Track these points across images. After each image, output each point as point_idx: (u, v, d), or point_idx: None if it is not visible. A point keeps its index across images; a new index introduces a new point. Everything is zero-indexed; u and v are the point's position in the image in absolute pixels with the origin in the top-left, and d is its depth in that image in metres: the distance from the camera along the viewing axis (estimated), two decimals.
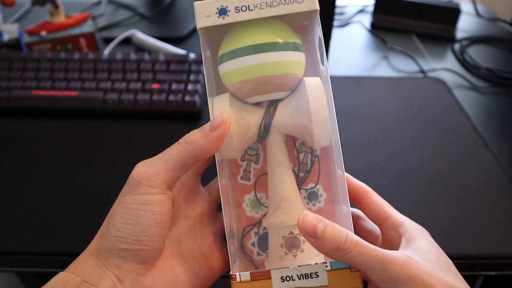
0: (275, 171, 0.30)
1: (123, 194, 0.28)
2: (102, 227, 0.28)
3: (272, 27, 0.29)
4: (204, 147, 0.28)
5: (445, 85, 0.63)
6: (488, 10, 0.92)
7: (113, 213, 0.28)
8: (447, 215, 0.43)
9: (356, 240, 0.25)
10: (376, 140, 0.52)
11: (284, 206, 0.29)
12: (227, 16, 0.28)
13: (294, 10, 0.28)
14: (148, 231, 0.27)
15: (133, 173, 0.28)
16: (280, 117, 0.30)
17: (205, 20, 0.28)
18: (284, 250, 0.29)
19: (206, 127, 0.28)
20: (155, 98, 0.54)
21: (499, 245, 0.40)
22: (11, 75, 0.56)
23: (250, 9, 0.28)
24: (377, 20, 0.83)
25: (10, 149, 0.49)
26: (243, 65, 0.28)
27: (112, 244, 0.27)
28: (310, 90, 0.28)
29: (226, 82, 0.30)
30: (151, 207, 0.27)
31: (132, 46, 0.71)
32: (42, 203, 0.43)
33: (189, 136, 0.28)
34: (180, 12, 0.83)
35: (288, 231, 0.29)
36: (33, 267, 0.40)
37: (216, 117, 0.28)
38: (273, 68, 0.28)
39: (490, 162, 0.49)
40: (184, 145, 0.28)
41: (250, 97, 0.30)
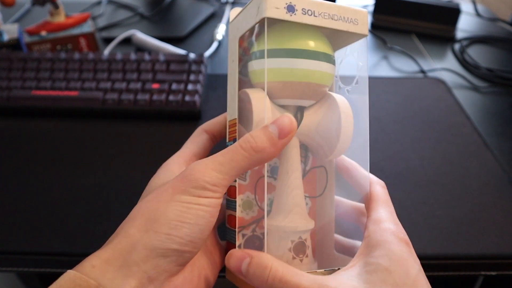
0: (291, 175, 0.30)
1: (177, 193, 0.26)
2: (140, 223, 0.25)
3: (319, 37, 0.30)
4: (272, 155, 0.26)
5: (445, 85, 0.63)
6: (488, 10, 0.92)
7: (163, 209, 0.25)
8: (447, 215, 0.43)
9: (280, 276, 0.25)
10: (376, 140, 0.52)
11: (298, 211, 0.30)
12: (294, 15, 0.28)
13: (350, 29, 0.29)
14: (202, 233, 0.26)
15: (196, 175, 0.26)
16: (306, 125, 0.30)
17: (274, 11, 0.27)
18: (292, 254, 0.29)
19: (273, 132, 0.26)
20: (155, 98, 0.54)
21: (499, 245, 0.40)
22: (11, 75, 0.56)
23: (315, 15, 0.28)
24: (377, 20, 0.83)
25: (10, 149, 0.49)
26: (280, 66, 0.28)
27: (160, 242, 0.24)
28: (341, 106, 0.30)
29: (261, 79, 0.30)
30: (211, 210, 0.26)
31: (132, 46, 0.71)
32: (42, 203, 0.43)
33: (256, 142, 0.26)
34: (180, 12, 0.83)
35: (298, 236, 0.30)
36: (33, 267, 0.40)
37: (284, 122, 0.26)
38: (310, 76, 0.29)
39: (490, 162, 0.49)
40: (251, 153, 0.26)
41: (280, 99, 0.30)
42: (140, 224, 0.25)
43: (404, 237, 0.27)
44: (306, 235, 0.30)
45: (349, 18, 0.29)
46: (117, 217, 0.41)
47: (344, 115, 0.29)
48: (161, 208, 0.25)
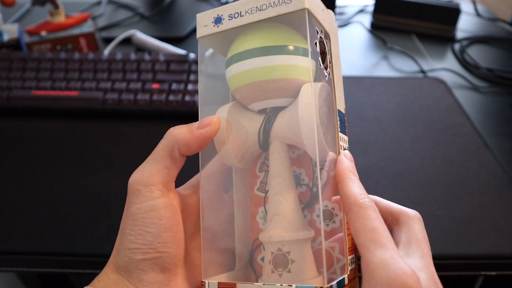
0: (272, 182, 0.29)
1: (127, 207, 0.27)
2: (117, 243, 0.27)
3: (276, 31, 0.28)
4: (187, 141, 0.27)
5: (445, 85, 0.63)
6: (488, 10, 0.92)
7: (123, 228, 0.27)
8: (447, 215, 0.43)
9: None
10: (376, 140, 0.52)
11: (276, 220, 0.28)
12: (221, 24, 0.28)
13: (282, 12, 0.27)
14: (160, 238, 0.26)
15: (129, 183, 0.27)
16: (279, 125, 0.28)
17: (203, 30, 0.28)
18: (271, 267, 0.27)
19: (194, 124, 0.28)
20: (155, 98, 0.54)
21: (499, 245, 0.40)
22: (11, 75, 0.56)
23: (241, 15, 0.28)
24: (377, 20, 0.83)
25: (10, 149, 0.49)
26: (245, 68, 0.28)
27: (128, 257, 0.26)
28: (302, 96, 0.27)
29: (231, 87, 0.30)
30: (156, 213, 0.26)
31: (132, 46, 0.71)
32: (43, 203, 0.43)
33: (174, 129, 0.28)
34: (180, 12, 0.83)
35: (276, 247, 0.27)
36: (33, 267, 0.40)
37: (207, 118, 0.28)
38: (274, 72, 0.27)
39: (490, 162, 0.49)
40: (168, 138, 0.27)
41: (253, 103, 0.29)
42: (116, 245, 0.27)
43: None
44: (288, 247, 0.27)
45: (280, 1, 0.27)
46: (117, 217, 0.41)
47: (303, 105, 0.26)
48: (122, 227, 0.27)
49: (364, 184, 0.37)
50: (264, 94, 0.28)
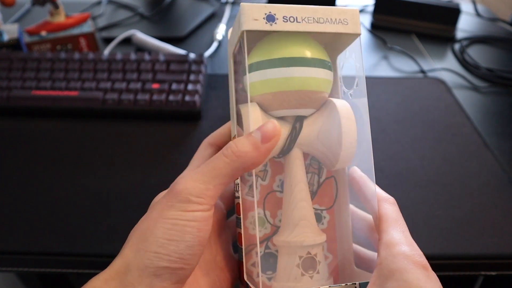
0: (295, 188, 0.29)
1: (164, 209, 0.26)
2: (133, 242, 0.26)
3: (306, 43, 0.28)
4: (255, 160, 0.26)
5: (445, 85, 0.63)
6: (488, 10, 0.92)
7: (152, 227, 0.25)
8: (447, 215, 0.43)
9: None
10: (376, 140, 0.52)
11: (304, 224, 0.29)
12: (274, 24, 0.27)
13: (339, 30, 0.28)
14: (192, 249, 0.25)
15: (179, 188, 0.26)
16: (306, 134, 0.29)
17: (252, 23, 0.27)
18: (301, 270, 0.28)
19: (256, 137, 0.26)
20: (155, 98, 0.54)
21: (499, 245, 0.40)
22: (11, 75, 0.56)
23: (298, 21, 0.27)
24: (377, 20, 0.83)
25: (10, 149, 0.49)
26: (274, 77, 0.28)
27: (150, 261, 0.24)
28: (341, 111, 0.28)
29: (253, 92, 0.29)
30: (198, 224, 0.25)
31: (132, 46, 0.71)
32: (42, 203, 0.43)
33: (237, 147, 0.26)
34: (180, 12, 0.83)
35: (306, 251, 0.28)
36: (33, 267, 0.40)
37: (267, 127, 0.26)
38: (303, 83, 0.28)
39: (490, 162, 0.49)
40: (233, 158, 0.26)
41: (275, 111, 0.29)
42: (133, 244, 0.26)
43: (420, 260, 0.25)
44: (315, 249, 0.29)
45: (337, 19, 0.28)
46: (117, 217, 0.41)
47: (345, 120, 0.28)
48: (150, 226, 0.25)
49: None
50: (288, 104, 0.29)
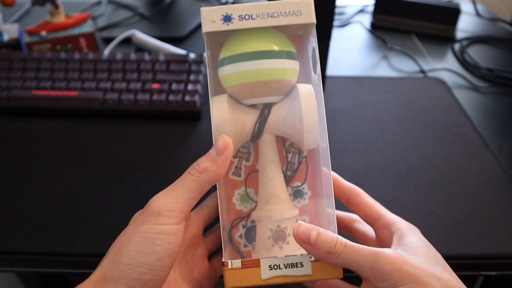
0: (266, 168, 0.32)
1: (138, 224, 0.28)
2: (111, 255, 0.28)
3: (269, 36, 0.31)
4: (216, 172, 0.29)
5: (445, 85, 0.63)
6: (488, 10, 0.92)
7: (126, 241, 0.27)
8: (447, 215, 0.43)
9: (345, 243, 0.27)
10: (376, 140, 0.52)
11: (273, 201, 0.32)
12: (231, 23, 0.30)
13: (293, 22, 0.30)
14: (162, 261, 0.27)
15: (152, 205, 0.28)
16: (274, 119, 0.32)
17: (210, 25, 0.30)
18: (271, 242, 0.31)
19: (212, 153, 0.30)
20: (155, 98, 0.54)
21: (499, 245, 0.40)
22: (11, 75, 0.56)
23: (252, 18, 0.30)
24: (377, 20, 0.83)
25: (10, 149, 0.49)
26: (242, 70, 0.30)
27: (122, 272, 0.26)
28: (302, 96, 0.30)
29: (225, 84, 0.32)
30: (167, 237, 0.27)
31: (132, 46, 0.71)
32: (42, 203, 0.43)
33: (198, 165, 0.29)
34: (180, 12, 0.83)
35: (275, 224, 0.31)
36: (33, 267, 0.40)
37: (219, 142, 0.30)
38: (269, 74, 0.30)
39: (490, 162, 0.49)
40: (197, 175, 0.29)
41: (246, 99, 0.32)
42: (110, 256, 0.28)
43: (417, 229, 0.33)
44: (285, 223, 0.31)
45: (291, 11, 0.30)
46: (117, 217, 0.41)
47: (305, 104, 0.30)
48: (125, 240, 0.28)
49: (364, 184, 0.38)
50: (257, 93, 0.31)
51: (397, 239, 0.31)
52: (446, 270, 0.28)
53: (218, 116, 0.30)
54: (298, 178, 0.35)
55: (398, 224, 0.32)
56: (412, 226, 0.32)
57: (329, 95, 0.60)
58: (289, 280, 0.29)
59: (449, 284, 0.26)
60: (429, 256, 0.28)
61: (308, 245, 0.28)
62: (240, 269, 0.29)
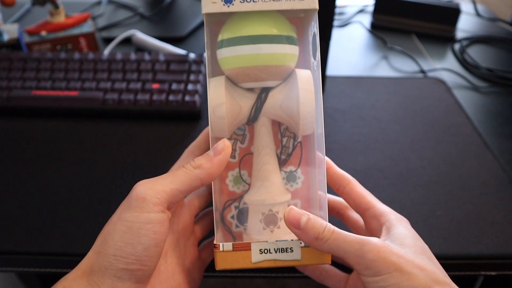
0: (260, 152, 0.33)
1: (123, 210, 0.27)
2: (97, 244, 0.28)
3: (270, 19, 0.30)
4: (210, 171, 0.29)
5: (445, 85, 0.63)
6: (488, 10, 0.92)
7: (111, 231, 0.27)
8: (447, 215, 0.43)
9: (332, 229, 0.28)
10: (376, 140, 0.52)
11: (267, 185, 0.32)
12: (231, 5, 0.29)
13: (295, 7, 0.30)
14: (148, 251, 0.27)
15: (136, 190, 0.28)
16: (271, 103, 0.32)
17: (211, 6, 0.29)
18: (263, 225, 0.32)
19: (210, 153, 0.30)
20: (155, 98, 0.54)
21: (499, 245, 0.40)
22: (11, 75, 0.56)
23: (254, 1, 0.29)
24: (377, 20, 0.83)
25: (10, 149, 0.49)
26: (240, 53, 0.30)
27: (109, 263, 0.26)
28: (301, 82, 0.30)
29: (223, 67, 0.32)
30: (152, 226, 0.27)
31: (132, 46, 0.71)
32: (42, 203, 0.43)
33: (194, 161, 0.29)
34: (180, 12, 0.83)
35: (268, 208, 0.32)
36: (33, 267, 0.40)
37: (218, 144, 0.30)
38: (268, 59, 0.30)
39: (490, 162, 0.49)
40: (190, 169, 0.29)
41: (244, 83, 0.32)
42: (96, 246, 0.28)
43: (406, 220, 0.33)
44: (277, 207, 0.32)
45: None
46: None
47: (303, 90, 0.30)
48: (110, 229, 0.27)
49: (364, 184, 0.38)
50: (255, 77, 0.31)
51: (386, 230, 0.31)
52: (431, 262, 0.28)
53: (215, 98, 0.31)
54: (291, 162, 0.35)
55: (388, 216, 0.32)
56: (400, 217, 0.32)
57: (329, 95, 0.60)
58: (278, 264, 0.30)
59: (432, 275, 0.27)
60: (416, 246, 0.29)
61: (298, 229, 0.28)
62: (231, 251, 0.30)
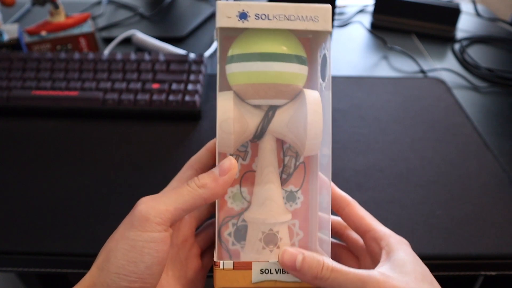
0: (264, 170, 0.32)
1: (126, 228, 0.27)
2: (99, 261, 0.28)
3: (283, 38, 0.30)
4: (214, 191, 0.29)
5: (445, 85, 0.63)
6: (488, 10, 0.92)
7: (114, 248, 0.27)
8: (447, 215, 0.43)
9: (331, 267, 0.27)
10: (376, 140, 0.52)
11: (268, 204, 0.32)
12: (246, 21, 0.29)
13: (309, 28, 0.30)
14: (151, 269, 0.27)
15: (139, 208, 0.28)
16: (277, 122, 0.31)
17: (225, 21, 0.29)
18: (262, 244, 0.31)
19: (215, 171, 0.29)
20: (155, 98, 0.54)
21: (499, 245, 0.40)
22: (11, 75, 0.56)
23: (269, 19, 0.29)
24: (377, 20, 0.83)
25: (10, 149, 0.49)
26: (250, 70, 0.30)
27: (112, 281, 0.26)
28: (309, 103, 0.30)
29: (231, 82, 0.32)
30: (155, 245, 0.27)
31: (132, 46, 0.71)
32: (42, 203, 0.43)
33: (199, 180, 0.29)
34: (180, 12, 0.83)
35: (268, 227, 0.31)
36: (33, 267, 0.40)
37: (224, 163, 0.29)
38: (278, 77, 0.30)
39: (490, 162, 0.49)
40: (195, 188, 0.29)
41: (252, 99, 0.31)
42: (99, 263, 0.27)
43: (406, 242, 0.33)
44: (278, 227, 0.31)
45: (308, 16, 0.29)
46: (116, 217, 0.41)
47: (311, 112, 0.30)
48: (113, 246, 0.27)
49: (364, 184, 0.37)
50: (264, 94, 0.31)
51: (386, 255, 0.31)
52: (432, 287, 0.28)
53: (223, 113, 0.30)
54: (292, 182, 0.35)
55: (387, 239, 0.32)
56: (400, 240, 0.32)
57: None
58: (278, 285, 0.29)
59: None
60: (416, 273, 0.28)
61: (294, 271, 0.28)
62: (231, 270, 0.29)
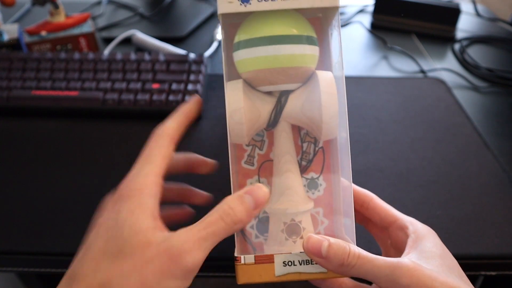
0: (281, 159, 0.31)
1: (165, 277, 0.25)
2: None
3: (289, 19, 0.29)
4: (247, 223, 0.28)
5: (445, 85, 0.63)
6: (488, 10, 0.92)
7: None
8: (447, 215, 0.43)
9: (358, 254, 0.26)
10: (376, 140, 0.52)
11: (288, 193, 0.30)
12: (249, 4, 0.28)
13: (316, 5, 0.28)
14: None
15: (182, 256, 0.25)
16: (291, 108, 0.30)
17: (227, 6, 0.28)
18: (285, 235, 0.30)
19: (249, 203, 0.27)
20: (155, 98, 0.54)
21: (499, 245, 0.40)
22: (11, 75, 0.56)
23: (272, 0, 0.28)
24: (377, 20, 0.83)
25: (10, 149, 0.49)
26: (258, 55, 0.29)
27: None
28: (322, 85, 0.29)
29: (240, 70, 0.30)
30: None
31: (132, 46, 0.71)
32: (42, 203, 0.43)
33: (236, 215, 0.27)
34: (180, 12, 0.83)
35: (290, 218, 0.30)
36: (33, 267, 0.40)
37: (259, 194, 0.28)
38: (288, 60, 0.28)
39: (490, 162, 0.49)
40: (231, 225, 0.27)
41: (262, 86, 0.30)
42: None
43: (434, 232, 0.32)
44: (300, 217, 0.30)
45: None
46: None
47: (325, 93, 0.28)
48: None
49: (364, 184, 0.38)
50: (274, 80, 0.29)
51: (412, 242, 0.30)
52: (462, 281, 0.27)
53: (233, 103, 0.29)
54: (312, 169, 0.34)
55: (414, 226, 0.31)
56: (428, 229, 0.31)
57: None
58: (303, 277, 0.28)
59: None
60: (445, 265, 0.28)
61: (320, 258, 0.27)
62: (253, 264, 0.28)
